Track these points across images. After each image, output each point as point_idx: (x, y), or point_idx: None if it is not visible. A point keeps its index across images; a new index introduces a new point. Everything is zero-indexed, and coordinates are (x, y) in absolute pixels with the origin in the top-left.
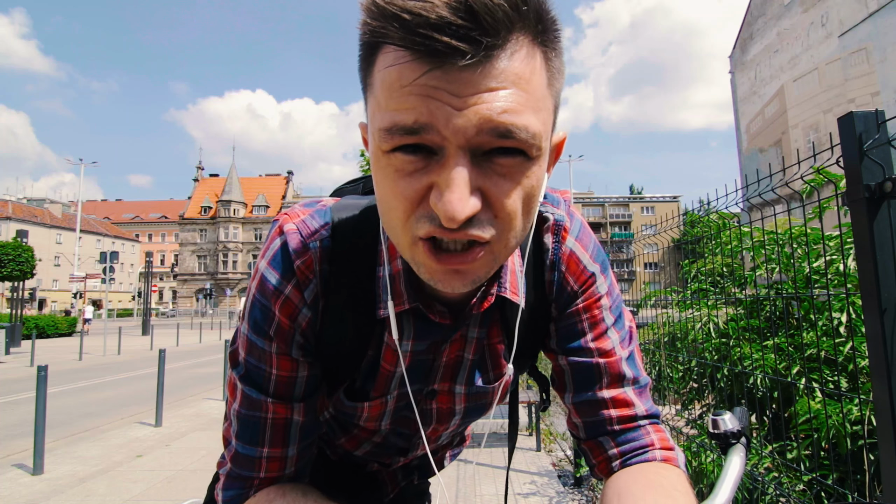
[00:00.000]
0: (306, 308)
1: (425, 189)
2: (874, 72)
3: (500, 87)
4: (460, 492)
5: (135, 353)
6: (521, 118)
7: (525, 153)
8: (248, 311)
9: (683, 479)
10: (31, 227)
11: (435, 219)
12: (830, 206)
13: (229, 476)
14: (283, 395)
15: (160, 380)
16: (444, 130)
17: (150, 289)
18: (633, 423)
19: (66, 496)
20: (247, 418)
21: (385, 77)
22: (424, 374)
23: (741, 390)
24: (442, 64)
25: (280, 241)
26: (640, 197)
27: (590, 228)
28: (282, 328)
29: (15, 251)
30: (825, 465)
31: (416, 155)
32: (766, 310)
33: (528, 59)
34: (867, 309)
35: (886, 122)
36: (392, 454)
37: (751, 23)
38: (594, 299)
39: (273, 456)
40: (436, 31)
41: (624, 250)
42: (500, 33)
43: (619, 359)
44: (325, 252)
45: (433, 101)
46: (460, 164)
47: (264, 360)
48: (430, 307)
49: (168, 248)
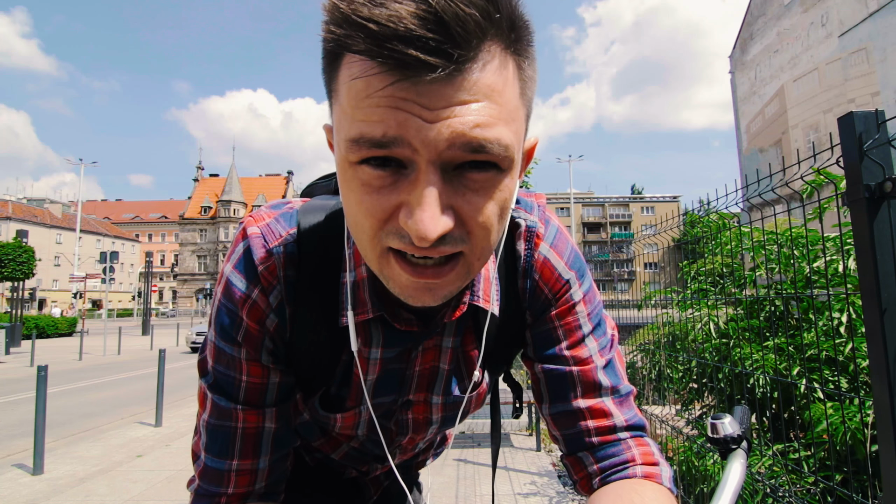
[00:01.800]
0: (273, 314)
1: (394, 207)
2: (874, 72)
3: (472, 100)
4: (460, 492)
5: (135, 353)
6: (494, 131)
7: (497, 166)
8: (215, 316)
9: (661, 494)
10: (31, 227)
11: (405, 236)
12: (830, 207)
13: (197, 494)
14: (253, 403)
15: (160, 380)
16: (414, 143)
17: (150, 289)
18: (612, 436)
19: (66, 496)
20: (216, 429)
21: (352, 87)
22: (398, 383)
23: (741, 391)
24: (411, 76)
25: (244, 246)
26: (640, 197)
27: (567, 234)
28: (250, 333)
29: (15, 251)
30: (827, 466)
31: (384, 170)
32: (766, 310)
33: (501, 69)
34: (867, 309)
35: (886, 122)
36: (369, 461)
37: (751, 23)
38: (568, 306)
39: (243, 469)
40: (404, 43)
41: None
42: (472, 44)
43: (595, 367)
44: (290, 257)
45: (403, 112)
46: (431, 181)
47: (233, 367)
48: (396, 315)
49: (168, 248)
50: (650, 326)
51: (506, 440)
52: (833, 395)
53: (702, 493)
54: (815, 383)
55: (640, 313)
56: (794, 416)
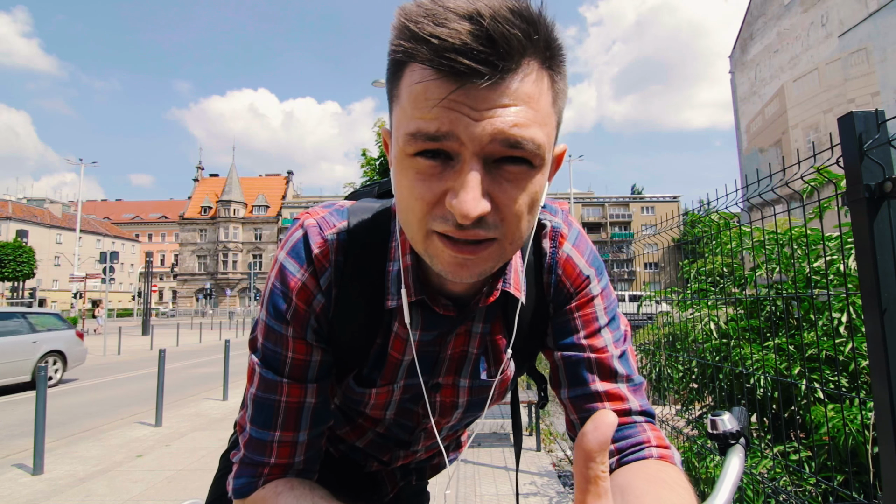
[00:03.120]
0: (321, 294)
1: (442, 193)
2: (874, 72)
3: (512, 104)
4: (460, 492)
5: (135, 353)
6: (529, 131)
7: (530, 162)
8: (267, 298)
9: (682, 475)
10: (31, 227)
11: (449, 220)
12: (830, 206)
13: (241, 463)
14: (297, 377)
15: (160, 380)
16: (462, 137)
17: (150, 289)
18: (628, 419)
19: (66, 496)
20: (262, 401)
21: (413, 91)
22: (430, 366)
23: (742, 391)
24: (464, 83)
25: (301, 233)
26: (640, 197)
27: (587, 237)
28: (298, 312)
29: (15, 251)
30: (828, 468)
31: (435, 160)
32: (766, 310)
33: (538, 81)
34: (867, 309)
35: (886, 122)
36: (393, 447)
37: (751, 23)
38: (587, 299)
39: (284, 440)
40: (460, 55)
41: (624, 250)
42: (514, 58)
43: (611, 356)
44: (342, 245)
45: (454, 112)
46: (474, 169)
47: (281, 344)
48: (435, 300)
49: (168, 248)
50: (650, 326)
51: (505, 440)
52: (833, 395)
53: (703, 493)
54: (816, 383)
55: (640, 313)
56: (795, 417)
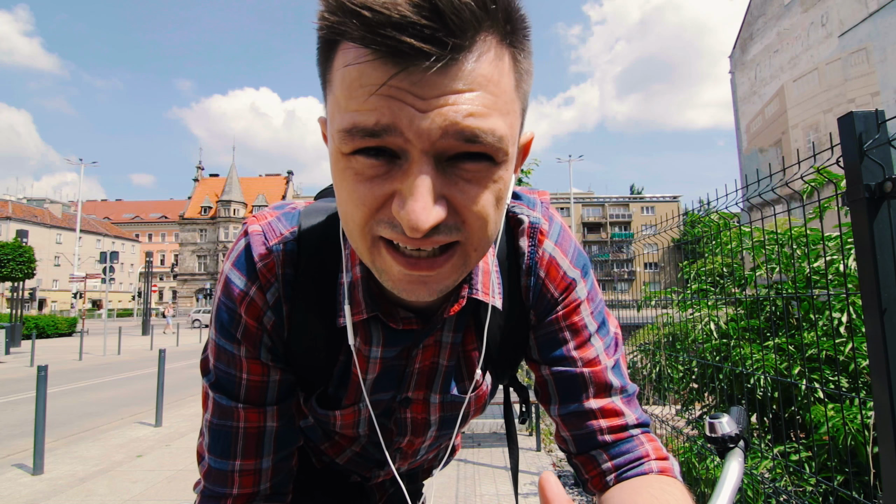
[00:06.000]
0: (270, 311)
1: (386, 196)
2: (874, 72)
3: (466, 90)
4: (460, 492)
5: (135, 353)
6: (488, 122)
7: (491, 158)
8: (215, 314)
9: (682, 489)
10: (31, 227)
11: (397, 226)
12: (830, 206)
13: (203, 496)
14: (254, 401)
15: (160, 380)
16: (407, 132)
17: (150, 289)
18: (624, 434)
19: (66, 496)
20: (219, 428)
21: (345, 75)
22: (397, 380)
23: (742, 391)
24: (406, 66)
25: (244, 243)
26: (639, 197)
27: (569, 230)
28: (249, 330)
29: (15, 251)
30: (829, 468)
31: (377, 159)
32: (766, 310)
33: (496, 60)
34: (867, 309)
35: (886, 122)
36: (371, 466)
37: (751, 23)
38: (574, 305)
39: (246, 469)
40: (399, 30)
41: (624, 250)
42: (467, 34)
43: (605, 367)
44: (289, 256)
45: (396, 101)
46: (424, 170)
47: (234, 365)
48: (393, 314)
49: (168, 248)
50: (650, 327)
51: (505, 440)
52: (833, 395)
53: (703, 494)
54: (816, 383)
55: (640, 313)
56: (795, 417)
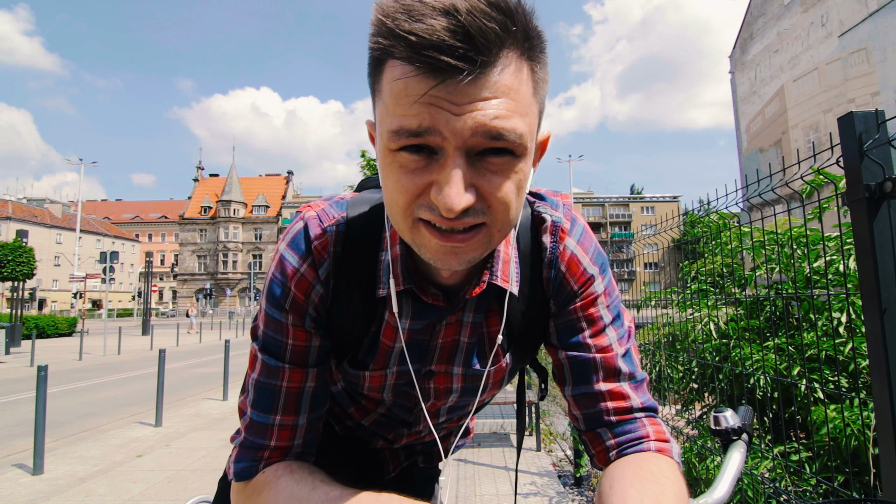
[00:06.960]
0: (319, 285)
1: (426, 185)
2: (874, 72)
3: (492, 97)
4: (460, 492)
5: (135, 353)
6: (510, 122)
7: (513, 152)
8: (267, 288)
9: (674, 467)
10: (31, 227)
11: (434, 209)
12: (830, 207)
13: (242, 447)
14: (298, 363)
15: (160, 380)
16: (444, 132)
17: (150, 289)
18: (629, 416)
19: (66, 496)
20: (264, 386)
21: (393, 87)
22: (422, 353)
23: (741, 391)
24: (443, 79)
25: (301, 225)
26: (640, 197)
27: (591, 232)
28: (297, 302)
29: (15, 251)
30: (829, 468)
31: (419, 154)
32: (766, 310)
33: (517, 72)
34: (867, 309)
35: (886, 122)
36: (396, 426)
37: (751, 23)
38: (592, 298)
39: (285, 424)
40: (438, 51)
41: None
42: (492, 51)
43: (616, 355)
44: (339, 236)
45: (435, 108)
46: (457, 164)
47: (281, 332)
48: (424, 290)
49: (168, 248)
50: (650, 327)
51: (505, 440)
52: (833, 395)
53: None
54: (816, 383)
55: (640, 313)
56: (795, 417)
